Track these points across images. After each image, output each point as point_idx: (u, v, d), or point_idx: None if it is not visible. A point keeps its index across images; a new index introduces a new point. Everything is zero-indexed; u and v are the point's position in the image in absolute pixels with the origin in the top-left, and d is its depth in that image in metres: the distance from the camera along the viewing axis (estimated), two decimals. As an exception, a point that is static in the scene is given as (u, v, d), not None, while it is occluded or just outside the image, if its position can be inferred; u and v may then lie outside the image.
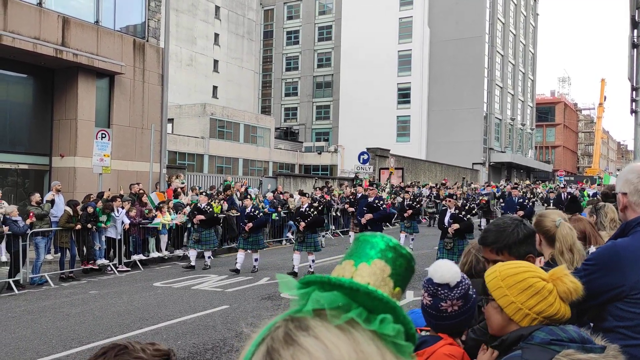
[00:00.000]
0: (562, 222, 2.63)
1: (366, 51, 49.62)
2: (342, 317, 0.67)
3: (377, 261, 0.84)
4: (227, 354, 6.43)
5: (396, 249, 0.86)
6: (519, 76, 58.93)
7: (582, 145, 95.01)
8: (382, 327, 0.68)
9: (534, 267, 1.76)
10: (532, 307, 1.69)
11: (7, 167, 15.89)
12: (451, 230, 9.86)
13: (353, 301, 0.70)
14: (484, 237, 2.38)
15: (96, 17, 17.11)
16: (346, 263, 0.86)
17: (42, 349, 6.68)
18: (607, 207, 4.15)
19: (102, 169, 14.46)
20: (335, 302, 0.69)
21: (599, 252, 2.29)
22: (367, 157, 25.80)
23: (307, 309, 0.69)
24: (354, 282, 0.72)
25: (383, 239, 0.86)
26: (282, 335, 0.65)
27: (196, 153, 35.68)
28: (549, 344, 1.61)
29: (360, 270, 0.83)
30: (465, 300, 1.96)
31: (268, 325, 0.68)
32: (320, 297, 0.69)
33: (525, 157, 59.71)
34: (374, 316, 0.69)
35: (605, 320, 2.17)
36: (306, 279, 0.74)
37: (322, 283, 0.72)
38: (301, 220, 11.59)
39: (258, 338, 0.67)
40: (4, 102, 15.84)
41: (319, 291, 0.71)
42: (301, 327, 0.65)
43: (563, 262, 2.45)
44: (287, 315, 0.69)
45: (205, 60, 45.40)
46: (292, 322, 0.67)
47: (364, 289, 0.71)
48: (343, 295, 0.70)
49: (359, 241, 0.89)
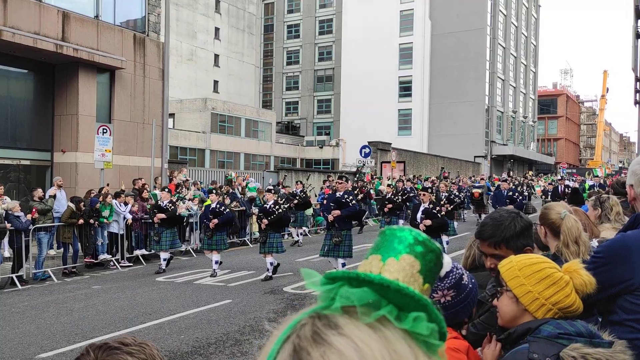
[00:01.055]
0: (567, 214, 2.61)
1: (367, 44, 49.46)
2: (373, 314, 0.64)
3: (406, 256, 0.81)
4: (231, 347, 6.44)
5: (425, 244, 0.83)
6: (520, 68, 58.72)
7: (585, 138, 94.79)
8: (415, 325, 0.65)
9: (549, 260, 1.78)
10: (548, 298, 1.69)
11: (8, 162, 15.90)
12: (422, 226, 9.01)
13: (383, 298, 0.67)
14: (481, 231, 2.35)
15: (96, 11, 17.06)
16: (373, 258, 0.82)
17: (46, 344, 6.70)
18: (612, 199, 4.12)
19: (104, 164, 14.47)
20: (364, 299, 0.66)
21: (608, 244, 2.27)
22: (369, 151, 25.79)
23: (336, 306, 0.65)
24: (384, 278, 0.68)
25: (411, 232, 0.83)
26: (310, 334, 0.62)
27: (197, 148, 35.66)
28: (557, 338, 1.60)
29: (388, 265, 0.80)
30: (458, 290, 1.93)
31: (292, 323, 0.64)
32: (349, 294, 0.66)
33: (527, 150, 59.60)
34: (405, 314, 0.66)
35: (614, 313, 2.15)
36: (332, 274, 0.70)
37: (350, 279, 0.69)
38: (264, 218, 10.69)
39: (282, 336, 0.63)
40: (5, 98, 15.83)
41: (347, 287, 0.67)
42: (330, 325, 0.62)
43: (568, 254, 2.44)
44: (313, 312, 0.65)
45: (206, 54, 45.28)
46: (320, 319, 0.63)
47: (395, 285, 0.67)
48: (372, 291, 0.67)
49: (385, 235, 0.85)
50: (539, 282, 1.71)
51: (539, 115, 68.63)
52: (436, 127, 48.79)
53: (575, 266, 1.73)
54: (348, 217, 10.15)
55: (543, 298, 1.69)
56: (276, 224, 10.73)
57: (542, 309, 1.70)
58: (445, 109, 48.36)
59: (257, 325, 7.40)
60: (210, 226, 11.05)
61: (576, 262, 1.75)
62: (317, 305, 0.67)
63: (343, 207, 9.94)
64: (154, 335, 6.95)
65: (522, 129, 59.55)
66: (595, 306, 2.20)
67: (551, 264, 1.75)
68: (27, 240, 10.70)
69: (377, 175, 28.11)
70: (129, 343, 1.22)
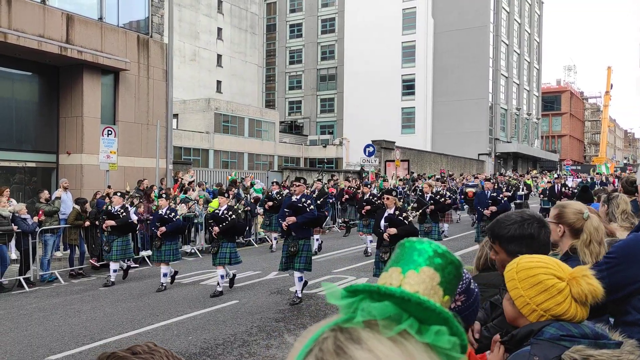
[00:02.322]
0: (589, 214, 2.60)
1: (370, 43, 49.40)
2: (395, 328, 0.64)
3: (426, 269, 0.81)
4: (239, 348, 6.47)
5: (445, 256, 0.83)
6: (524, 65, 58.55)
7: (589, 134, 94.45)
8: (437, 339, 0.66)
9: (553, 264, 1.72)
10: (539, 304, 1.67)
11: (14, 165, 15.98)
12: (386, 236, 7.87)
13: (404, 311, 0.67)
14: (490, 223, 2.38)
15: (100, 13, 17.13)
16: (393, 270, 0.83)
17: (55, 346, 6.74)
18: (620, 197, 4.11)
19: (109, 165, 14.53)
20: (386, 313, 0.66)
21: (621, 244, 2.27)
22: (373, 150, 25.77)
23: (358, 320, 0.66)
24: (405, 291, 0.69)
25: (431, 245, 0.84)
26: (333, 348, 0.62)
27: (201, 148, 35.73)
28: (559, 340, 1.60)
29: (408, 278, 0.80)
30: (468, 295, 1.94)
31: (314, 336, 0.65)
32: (371, 308, 0.67)
33: (531, 147, 59.43)
34: (426, 327, 0.67)
35: (628, 313, 2.15)
36: (353, 287, 0.71)
37: (371, 292, 0.69)
38: (215, 225, 9.55)
39: (304, 349, 0.64)
40: (10, 101, 15.91)
41: (368, 301, 0.68)
42: (352, 338, 0.62)
43: (588, 255, 2.43)
44: (334, 325, 0.66)
45: (209, 55, 45.34)
46: (342, 333, 0.64)
47: (416, 298, 0.68)
48: (393, 305, 0.68)
49: (404, 247, 0.86)
50: (531, 288, 1.69)
51: (542, 112, 68.42)
52: (440, 125, 48.71)
53: (579, 273, 1.67)
54: (305, 224, 8.81)
55: (534, 304, 1.68)
56: (229, 232, 9.52)
57: (534, 314, 1.69)
58: (449, 106, 48.27)
59: (264, 325, 7.43)
60: (158, 234, 10.00)
61: (583, 269, 1.69)
62: (338, 317, 0.68)
63: (299, 213, 8.71)
64: (161, 337, 6.99)
65: (526, 126, 59.38)
66: (606, 308, 2.20)
67: (549, 270, 1.69)
68: (34, 242, 10.75)
69: (382, 174, 28.10)
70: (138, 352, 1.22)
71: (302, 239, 8.81)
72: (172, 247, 10.18)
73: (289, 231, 8.83)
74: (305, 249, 8.79)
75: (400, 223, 7.96)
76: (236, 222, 9.63)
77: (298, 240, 8.74)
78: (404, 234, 7.66)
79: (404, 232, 7.77)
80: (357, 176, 26.21)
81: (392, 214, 8.13)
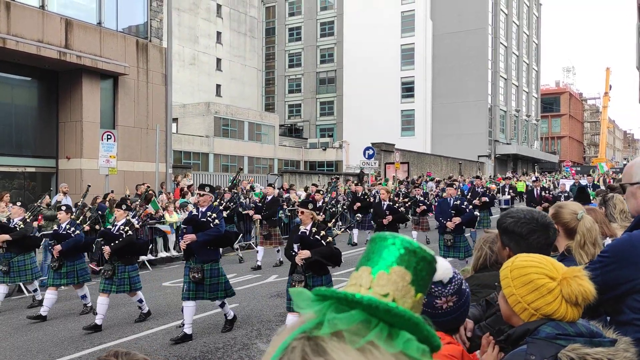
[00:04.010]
0: (583, 214, 2.61)
1: (369, 46, 49.49)
2: (362, 340, 0.63)
3: (397, 268, 0.78)
4: (238, 352, 6.47)
5: (417, 253, 0.79)
6: (523, 67, 58.64)
7: (588, 135, 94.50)
8: (406, 347, 0.65)
9: (546, 263, 1.73)
10: (530, 303, 1.69)
11: (14, 170, 15.99)
12: (298, 260, 6.22)
13: (372, 317, 0.66)
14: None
15: (98, 18, 17.16)
16: (363, 270, 0.80)
17: (54, 351, 6.73)
18: (616, 198, 4.12)
19: (109, 170, 14.54)
20: (353, 321, 0.65)
21: (615, 244, 2.28)
22: (373, 152, 25.79)
23: (324, 331, 0.64)
24: (373, 298, 0.67)
25: (402, 242, 0.80)
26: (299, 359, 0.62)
27: (201, 152, 35.76)
28: (555, 339, 1.60)
29: (378, 279, 0.77)
30: (460, 296, 1.95)
31: (284, 343, 0.64)
32: (336, 320, 0.65)
33: (531, 149, 59.47)
34: (397, 331, 0.66)
35: (622, 313, 2.16)
36: (321, 291, 0.70)
37: (339, 299, 0.68)
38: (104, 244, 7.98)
39: (275, 357, 0.64)
40: (9, 106, 15.94)
41: (336, 307, 0.67)
42: (318, 351, 0.62)
43: (583, 255, 2.44)
44: (303, 331, 0.65)
45: (208, 58, 45.41)
46: (309, 342, 0.63)
47: (384, 306, 0.66)
48: (361, 312, 0.66)
49: (374, 243, 0.83)
50: (522, 287, 1.71)
51: (542, 113, 68.49)
52: (439, 128, 48.75)
53: (571, 274, 1.68)
54: (209, 243, 7.09)
55: (525, 302, 1.70)
56: (124, 252, 7.81)
57: (525, 312, 1.70)
58: (448, 109, 48.33)
59: (264, 329, 7.42)
60: (54, 254, 8.32)
61: (576, 270, 1.70)
62: (308, 322, 0.67)
63: (201, 230, 7.01)
64: (161, 341, 6.99)
65: (525, 128, 59.44)
66: (601, 306, 2.20)
67: (541, 270, 1.70)
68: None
69: (381, 176, 28.11)
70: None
71: (207, 262, 7.04)
72: (76, 267, 8.47)
73: (189, 252, 7.06)
74: (214, 275, 7.07)
75: (315, 244, 6.23)
76: (133, 240, 7.94)
77: (202, 264, 6.99)
78: (322, 258, 6.23)
79: (319, 256, 6.17)
80: (356, 179, 26.22)
81: (304, 233, 6.41)
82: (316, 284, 6.24)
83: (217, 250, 7.36)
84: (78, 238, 8.57)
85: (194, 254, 7.04)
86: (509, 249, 2.25)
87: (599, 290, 1.72)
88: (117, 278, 7.69)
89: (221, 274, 7.19)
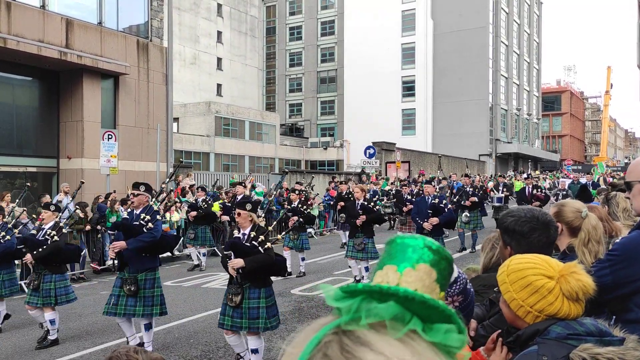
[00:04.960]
0: (588, 212, 2.60)
1: (369, 45, 49.46)
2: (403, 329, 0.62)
3: (422, 265, 0.79)
4: (240, 351, 6.45)
5: (439, 252, 0.82)
6: (524, 66, 58.58)
7: (590, 134, 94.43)
8: (446, 337, 0.64)
9: (541, 263, 1.72)
10: (532, 305, 1.68)
11: (15, 170, 16.00)
12: (232, 271, 5.46)
13: (407, 310, 0.65)
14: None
15: (99, 18, 17.15)
16: (388, 268, 0.80)
17: (56, 350, 6.72)
18: (618, 196, 4.11)
19: (110, 169, 14.53)
20: (391, 313, 0.64)
21: (623, 242, 2.27)
22: (373, 152, 25.79)
23: (363, 322, 0.63)
24: (409, 290, 0.66)
25: (425, 241, 0.82)
26: (340, 352, 0.59)
27: (202, 151, 35.76)
28: (566, 339, 1.59)
29: (406, 275, 0.78)
30: (465, 296, 1.94)
31: (313, 341, 0.61)
32: (376, 309, 0.64)
33: (532, 148, 59.42)
34: (430, 325, 0.65)
35: (630, 311, 2.14)
36: (351, 288, 0.68)
37: (372, 292, 0.66)
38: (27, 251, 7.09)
39: (304, 356, 0.60)
40: (10, 106, 15.93)
41: (369, 301, 0.65)
42: (360, 342, 0.60)
43: (586, 253, 2.43)
44: (334, 327, 0.63)
45: (209, 58, 45.42)
46: (346, 336, 0.61)
47: (420, 297, 0.66)
48: (397, 304, 0.65)
49: (396, 244, 0.84)
50: (522, 290, 1.69)
51: (543, 112, 68.42)
52: (440, 127, 48.73)
53: (567, 270, 1.67)
54: (142, 250, 6.27)
55: (527, 305, 1.68)
56: (50, 261, 6.88)
57: (529, 315, 1.69)
58: (449, 108, 48.30)
59: (265, 328, 7.40)
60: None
61: (571, 265, 1.69)
62: (337, 320, 0.65)
63: (134, 235, 6.24)
64: (162, 340, 6.98)
65: (526, 127, 59.39)
66: (609, 304, 2.19)
67: (537, 270, 1.69)
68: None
69: (382, 175, 28.10)
70: None
71: (142, 271, 6.30)
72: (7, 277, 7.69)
73: (121, 261, 6.36)
74: (149, 287, 6.30)
75: (251, 251, 5.45)
76: (60, 246, 6.91)
77: (136, 274, 6.25)
78: (258, 267, 5.43)
79: (256, 265, 5.39)
80: (357, 178, 26.21)
81: (238, 239, 5.63)
82: (253, 296, 5.45)
83: (154, 258, 6.52)
84: (9, 245, 7.62)
85: (127, 264, 6.27)
86: (511, 248, 2.23)
87: (609, 289, 1.71)
88: (43, 289, 6.81)
89: (157, 285, 6.41)
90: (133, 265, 6.27)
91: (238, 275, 5.43)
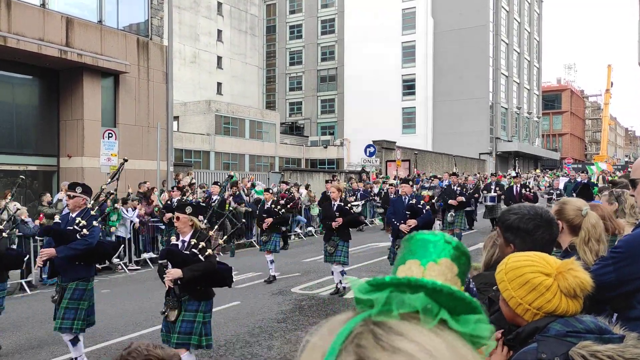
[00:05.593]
0: (588, 211, 2.60)
1: (370, 43, 49.44)
2: (435, 319, 0.63)
3: (444, 260, 0.82)
4: (241, 349, 6.46)
5: (459, 247, 0.85)
6: (524, 64, 58.55)
7: (590, 132, 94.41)
8: (476, 328, 0.66)
9: (539, 260, 1.72)
10: (531, 303, 1.68)
11: (15, 168, 15.99)
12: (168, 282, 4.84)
13: (434, 302, 0.66)
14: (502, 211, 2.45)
15: (99, 16, 17.14)
16: (411, 263, 0.82)
17: (56, 349, 6.73)
18: (627, 193, 4.15)
19: (110, 168, 14.53)
20: (421, 304, 0.65)
21: (627, 239, 2.27)
22: (374, 150, 25.77)
23: (394, 313, 0.64)
24: (437, 282, 0.67)
25: (444, 237, 0.85)
26: (375, 341, 0.59)
27: (202, 150, 35.76)
28: (565, 336, 1.60)
29: (429, 270, 0.81)
30: (469, 294, 1.94)
31: (343, 332, 0.61)
32: (408, 300, 0.65)
33: (532, 146, 59.42)
34: (456, 317, 0.66)
35: (633, 308, 2.15)
36: (379, 280, 0.69)
37: (400, 284, 0.67)
38: None
39: (335, 348, 0.59)
40: (10, 105, 15.93)
41: (399, 293, 0.66)
42: (393, 331, 0.60)
43: (586, 251, 2.43)
44: (363, 319, 0.63)
45: (209, 57, 45.40)
46: (378, 327, 0.61)
47: (447, 289, 0.67)
48: (425, 296, 0.66)
49: (416, 240, 0.86)
50: (520, 288, 1.70)
51: (543, 110, 68.40)
52: (440, 125, 48.72)
53: (565, 267, 1.67)
54: (75, 258, 5.59)
55: (526, 303, 1.69)
56: None
57: (528, 313, 1.70)
58: (450, 106, 48.28)
59: (266, 326, 7.42)
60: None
61: (568, 262, 1.69)
62: (366, 312, 0.65)
63: (67, 241, 5.57)
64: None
65: (526, 125, 59.36)
66: (608, 303, 2.19)
67: (535, 268, 1.70)
68: (35, 245, 10.75)
69: (382, 174, 28.10)
70: None
71: (73, 280, 5.63)
72: None
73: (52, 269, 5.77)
74: (76, 297, 5.61)
75: (188, 260, 4.86)
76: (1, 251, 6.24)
77: (67, 283, 5.63)
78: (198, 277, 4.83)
79: (196, 274, 4.80)
80: (357, 177, 26.21)
81: (174, 246, 5.06)
82: (190, 309, 4.86)
83: (89, 266, 5.82)
84: None
85: (59, 272, 5.65)
86: (514, 246, 2.23)
87: (612, 286, 1.71)
88: None
89: (85, 297, 5.66)
90: (65, 274, 5.63)
91: (176, 287, 4.83)
